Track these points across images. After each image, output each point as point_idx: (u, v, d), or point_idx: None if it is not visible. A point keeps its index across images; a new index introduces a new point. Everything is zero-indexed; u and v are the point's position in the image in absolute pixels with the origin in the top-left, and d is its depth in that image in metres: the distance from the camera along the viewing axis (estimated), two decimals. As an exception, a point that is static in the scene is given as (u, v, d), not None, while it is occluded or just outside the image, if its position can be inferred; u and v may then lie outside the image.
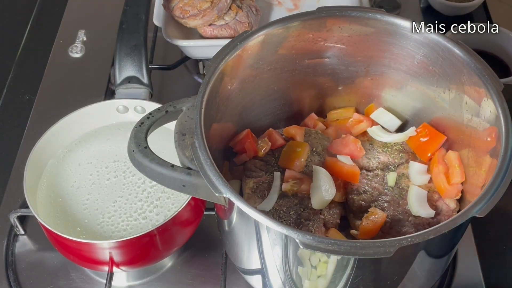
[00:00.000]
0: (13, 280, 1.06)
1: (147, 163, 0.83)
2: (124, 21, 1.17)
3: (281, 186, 0.95)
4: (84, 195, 1.04)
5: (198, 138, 0.82)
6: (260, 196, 0.95)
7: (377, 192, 0.98)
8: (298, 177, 0.96)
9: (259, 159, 1.00)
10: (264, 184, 0.96)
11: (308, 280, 0.84)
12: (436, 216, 0.94)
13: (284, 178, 0.96)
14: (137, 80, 1.14)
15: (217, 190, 0.78)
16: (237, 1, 1.29)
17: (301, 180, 0.96)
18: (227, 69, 0.91)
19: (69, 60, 1.41)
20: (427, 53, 0.96)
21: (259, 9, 1.32)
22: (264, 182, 0.96)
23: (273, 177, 0.96)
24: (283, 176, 0.96)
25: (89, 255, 0.98)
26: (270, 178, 0.97)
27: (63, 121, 1.08)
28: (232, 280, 1.05)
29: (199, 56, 1.30)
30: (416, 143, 1.02)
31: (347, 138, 1.02)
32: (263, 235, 0.81)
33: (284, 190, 0.95)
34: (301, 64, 1.02)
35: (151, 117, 0.89)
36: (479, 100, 0.89)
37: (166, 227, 0.96)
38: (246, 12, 1.28)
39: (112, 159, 1.09)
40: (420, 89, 1.01)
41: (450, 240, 0.86)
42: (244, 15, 1.27)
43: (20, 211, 1.09)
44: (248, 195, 0.95)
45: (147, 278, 1.07)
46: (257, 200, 0.94)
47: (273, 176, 0.97)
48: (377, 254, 0.72)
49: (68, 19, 1.51)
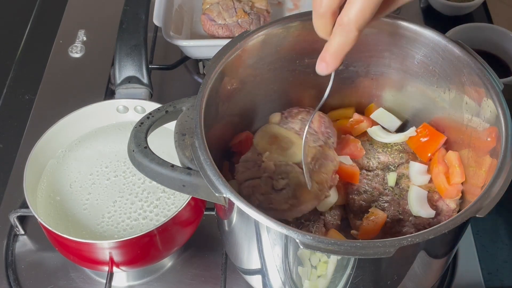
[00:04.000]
0: (13, 280, 1.06)
1: (147, 163, 0.83)
2: (124, 21, 1.17)
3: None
4: (84, 195, 1.04)
5: (198, 138, 0.82)
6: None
7: (377, 192, 0.98)
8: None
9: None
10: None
11: (308, 280, 0.84)
12: (436, 216, 0.94)
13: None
14: (137, 80, 1.14)
15: (217, 190, 0.78)
16: (246, 6, 1.28)
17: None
18: (227, 69, 0.91)
19: (69, 60, 1.41)
20: (427, 53, 0.96)
21: (268, 20, 1.30)
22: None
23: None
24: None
25: (89, 255, 0.98)
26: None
27: (63, 121, 1.08)
28: (232, 280, 1.05)
29: (199, 56, 1.30)
30: (416, 143, 1.02)
31: (347, 138, 1.02)
32: (263, 235, 0.81)
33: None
34: (301, 64, 1.02)
35: (151, 117, 0.89)
36: (479, 100, 0.89)
37: (166, 227, 0.96)
38: (251, 19, 1.27)
39: (112, 159, 1.09)
40: (420, 89, 1.01)
41: (450, 240, 0.86)
42: (248, 22, 1.26)
43: (20, 211, 1.09)
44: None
45: (147, 278, 1.07)
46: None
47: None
48: (377, 254, 0.72)
49: (68, 19, 1.51)
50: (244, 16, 1.25)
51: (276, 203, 0.87)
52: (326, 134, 0.96)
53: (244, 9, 1.27)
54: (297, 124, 0.97)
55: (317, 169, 0.91)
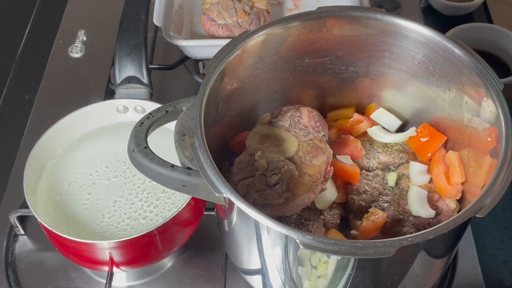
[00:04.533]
0: (13, 280, 1.06)
1: (147, 163, 0.83)
2: (124, 21, 1.17)
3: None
4: (84, 195, 1.04)
5: (198, 138, 0.82)
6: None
7: (377, 192, 0.98)
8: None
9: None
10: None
11: (308, 280, 0.84)
12: (437, 216, 0.94)
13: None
14: (137, 80, 1.14)
15: (217, 190, 0.78)
16: (246, 6, 1.28)
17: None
18: (227, 69, 0.91)
19: (69, 60, 1.41)
20: (427, 53, 0.96)
21: (268, 20, 1.30)
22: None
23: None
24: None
25: (89, 255, 0.98)
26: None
27: (63, 121, 1.08)
28: (232, 280, 1.05)
29: (199, 56, 1.30)
30: (416, 143, 1.02)
31: (347, 138, 1.02)
32: (263, 235, 0.81)
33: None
34: (301, 64, 1.02)
35: (151, 117, 0.89)
36: (479, 100, 0.89)
37: (166, 227, 0.96)
38: (251, 19, 1.27)
39: (112, 159, 1.09)
40: (420, 89, 1.01)
41: (450, 240, 0.86)
42: (248, 22, 1.26)
43: (20, 211, 1.09)
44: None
45: (147, 278, 1.07)
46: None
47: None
48: (377, 254, 0.72)
49: (68, 19, 1.51)
50: (244, 16, 1.25)
51: (270, 198, 0.87)
52: (316, 128, 0.97)
53: (244, 9, 1.27)
54: (286, 121, 0.99)
55: (309, 162, 0.92)
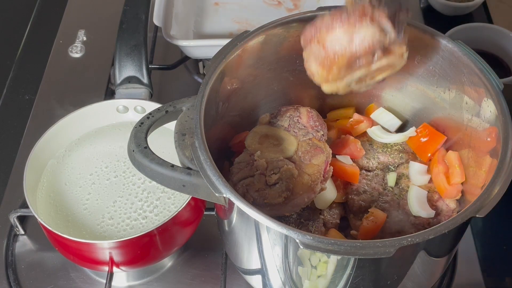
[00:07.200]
0: (13, 280, 1.06)
1: (147, 163, 0.83)
2: (124, 21, 1.17)
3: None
4: (84, 195, 1.04)
5: (198, 138, 0.82)
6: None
7: (377, 193, 0.98)
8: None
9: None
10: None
11: (308, 280, 0.84)
12: (436, 216, 0.94)
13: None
14: (137, 80, 1.14)
15: (217, 190, 0.78)
16: None
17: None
18: (227, 69, 0.91)
19: (69, 60, 1.41)
20: (427, 53, 0.96)
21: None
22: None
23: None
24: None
25: (89, 255, 0.98)
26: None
27: (63, 121, 1.08)
28: (232, 280, 1.05)
29: (199, 56, 1.30)
30: (416, 143, 1.02)
31: (347, 138, 1.02)
32: (263, 235, 0.81)
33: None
34: (301, 64, 1.01)
35: (151, 117, 0.89)
36: (479, 100, 0.89)
37: (166, 227, 0.96)
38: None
39: (112, 159, 1.09)
40: (420, 89, 1.01)
41: (450, 240, 0.86)
42: None
43: (20, 211, 1.09)
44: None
45: (147, 278, 1.07)
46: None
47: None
48: (377, 254, 0.72)
49: (68, 19, 1.51)
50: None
51: (270, 197, 0.88)
52: (315, 127, 0.98)
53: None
54: (285, 121, 0.99)
55: (308, 161, 0.93)
